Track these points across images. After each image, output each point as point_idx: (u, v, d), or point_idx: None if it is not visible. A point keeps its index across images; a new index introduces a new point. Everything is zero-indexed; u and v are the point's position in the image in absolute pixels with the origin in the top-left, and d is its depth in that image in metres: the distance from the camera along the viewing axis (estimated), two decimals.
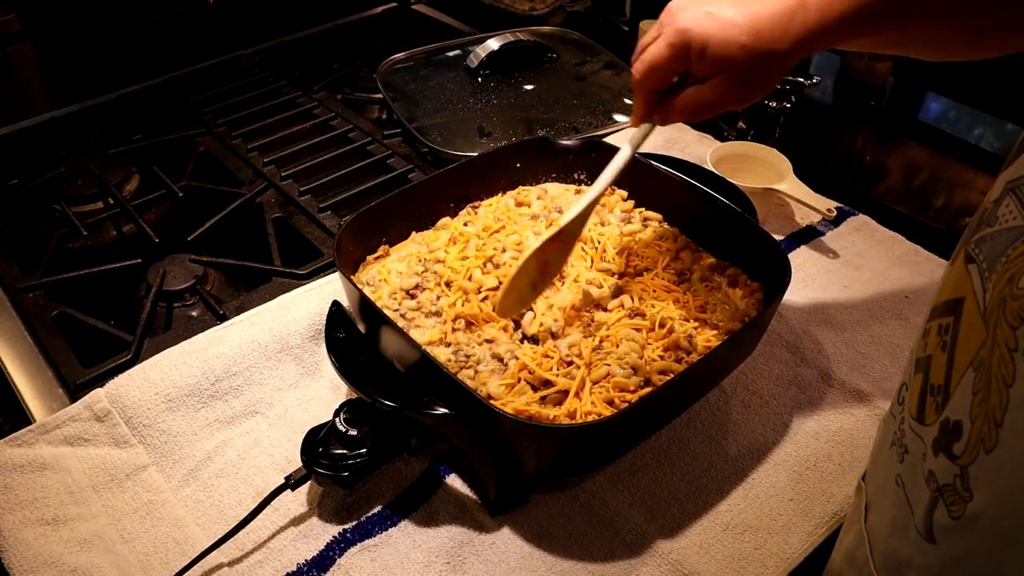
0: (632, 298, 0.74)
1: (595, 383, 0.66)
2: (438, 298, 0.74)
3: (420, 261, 0.78)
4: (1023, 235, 0.35)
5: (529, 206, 0.86)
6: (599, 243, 0.80)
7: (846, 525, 0.54)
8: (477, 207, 0.86)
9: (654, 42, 0.63)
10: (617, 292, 0.75)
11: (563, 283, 0.75)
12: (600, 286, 0.75)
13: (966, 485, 0.35)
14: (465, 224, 0.83)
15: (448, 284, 0.76)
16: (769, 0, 0.59)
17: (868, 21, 0.58)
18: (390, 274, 0.77)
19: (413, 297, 0.75)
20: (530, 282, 0.68)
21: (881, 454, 0.47)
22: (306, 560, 0.63)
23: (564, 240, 0.68)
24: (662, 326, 0.70)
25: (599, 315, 0.72)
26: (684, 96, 0.64)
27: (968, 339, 0.37)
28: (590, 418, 0.63)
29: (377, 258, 0.80)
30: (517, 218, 0.84)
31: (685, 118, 0.65)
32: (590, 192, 0.68)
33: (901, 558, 0.42)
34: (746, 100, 0.63)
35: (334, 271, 0.87)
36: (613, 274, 0.77)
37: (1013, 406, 0.33)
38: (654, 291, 0.75)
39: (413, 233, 0.83)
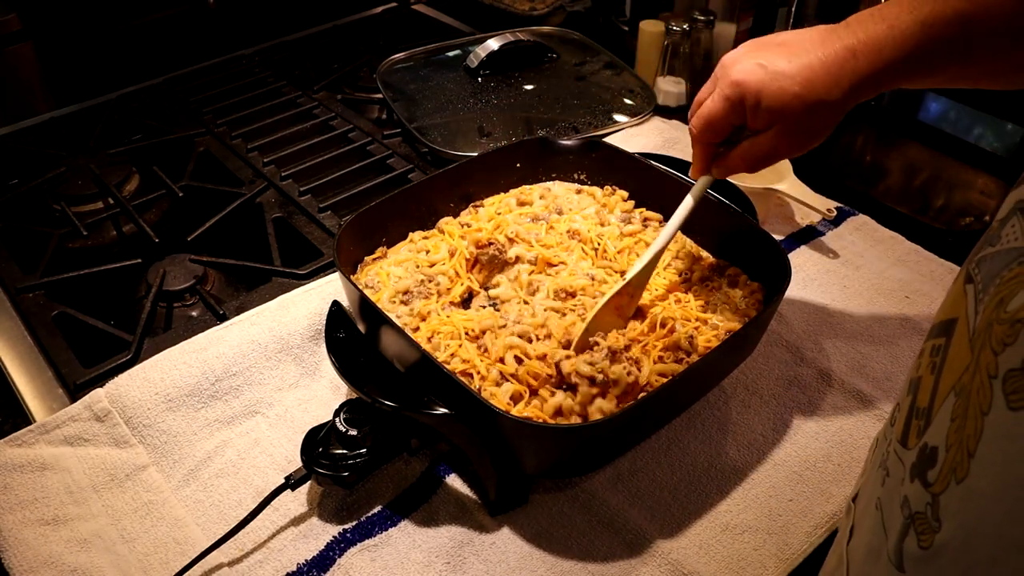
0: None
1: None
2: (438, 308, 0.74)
3: (418, 269, 0.78)
4: (1021, 256, 0.33)
5: (531, 205, 0.86)
6: (599, 243, 0.80)
7: (833, 546, 0.53)
8: (479, 206, 0.86)
9: (709, 96, 0.64)
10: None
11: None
12: (605, 281, 0.76)
13: (936, 514, 0.34)
14: (464, 225, 0.83)
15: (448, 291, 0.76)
16: (820, 51, 0.59)
17: (922, 65, 0.58)
18: (388, 277, 0.77)
19: (406, 303, 0.74)
20: (606, 325, 0.70)
21: (869, 476, 0.46)
22: (306, 560, 0.63)
23: (631, 291, 0.71)
24: (663, 326, 0.70)
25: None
26: (740, 149, 0.65)
27: (954, 363, 0.36)
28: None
29: (375, 259, 0.80)
30: (518, 218, 0.84)
31: (743, 170, 0.67)
32: (655, 245, 0.71)
33: None
34: (801, 149, 0.64)
35: (334, 271, 0.87)
36: (615, 272, 0.77)
37: (987, 436, 0.31)
38: (656, 290, 0.75)
39: (411, 234, 0.83)
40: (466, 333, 0.70)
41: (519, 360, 0.67)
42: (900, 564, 0.37)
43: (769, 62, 0.60)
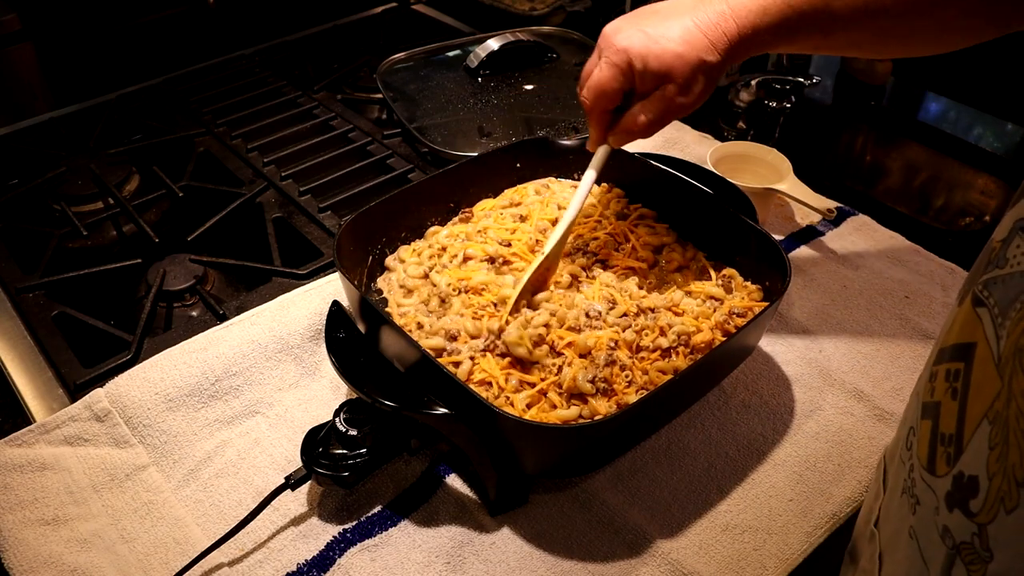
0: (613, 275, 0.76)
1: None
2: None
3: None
4: None
5: (518, 206, 0.86)
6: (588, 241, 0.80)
7: (860, 574, 0.53)
8: (468, 217, 0.85)
9: (596, 67, 0.68)
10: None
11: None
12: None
13: (985, 545, 0.34)
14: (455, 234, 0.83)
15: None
16: (693, 14, 0.65)
17: (787, 33, 0.63)
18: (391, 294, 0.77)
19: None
20: (528, 295, 0.74)
21: (893, 501, 0.46)
22: (306, 560, 0.63)
23: (547, 267, 0.74)
24: (663, 332, 0.70)
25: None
26: (632, 113, 0.69)
27: (982, 389, 0.35)
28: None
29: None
30: (507, 220, 0.83)
31: (638, 135, 0.70)
32: (563, 220, 0.74)
33: None
34: (689, 108, 0.68)
35: (334, 271, 0.87)
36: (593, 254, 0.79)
37: None
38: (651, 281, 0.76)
39: (402, 248, 0.82)
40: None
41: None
42: None
43: (650, 27, 0.65)
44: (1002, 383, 0.33)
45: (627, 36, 0.66)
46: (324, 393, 0.76)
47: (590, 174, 0.74)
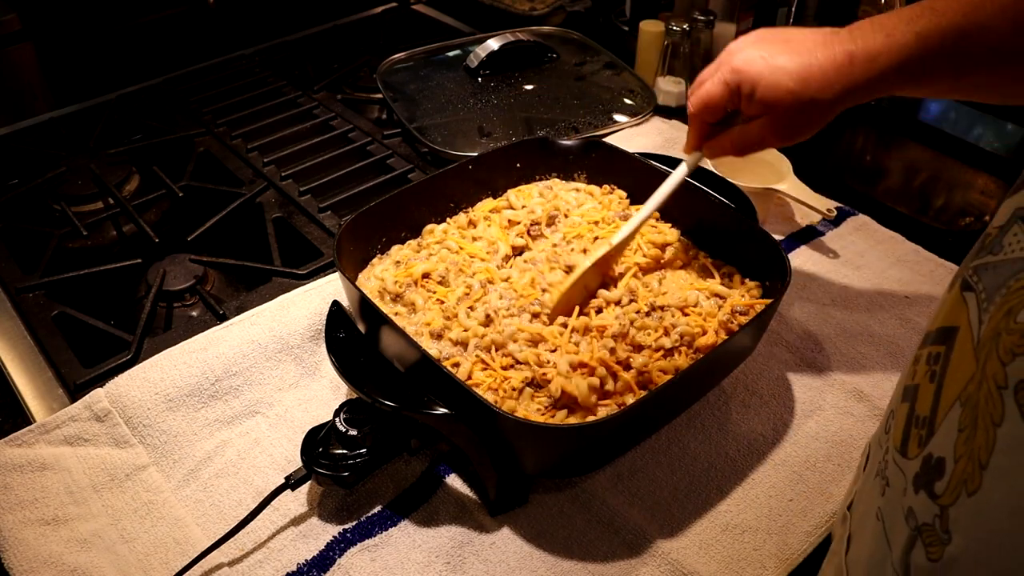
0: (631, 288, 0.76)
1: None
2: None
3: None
4: None
5: (513, 209, 0.86)
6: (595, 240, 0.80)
7: (829, 555, 0.52)
8: (472, 219, 0.85)
9: (710, 79, 0.68)
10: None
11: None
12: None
13: (945, 527, 0.34)
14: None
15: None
16: (821, 52, 0.62)
17: (916, 74, 0.60)
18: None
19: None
20: (581, 290, 0.73)
21: (867, 484, 0.46)
22: (306, 560, 0.63)
23: (611, 256, 0.75)
24: (667, 332, 0.70)
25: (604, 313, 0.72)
26: (732, 132, 0.69)
27: (957, 372, 0.36)
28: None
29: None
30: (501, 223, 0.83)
31: (731, 153, 0.70)
32: (641, 212, 0.74)
33: None
34: (787, 141, 0.67)
35: (334, 271, 0.87)
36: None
37: (999, 448, 0.31)
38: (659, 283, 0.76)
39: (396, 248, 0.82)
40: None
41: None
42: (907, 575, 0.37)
43: (771, 56, 0.63)
44: (977, 366, 0.34)
45: (746, 58, 0.64)
46: (324, 393, 0.76)
47: (682, 169, 0.74)
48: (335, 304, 0.70)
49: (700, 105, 0.69)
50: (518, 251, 0.81)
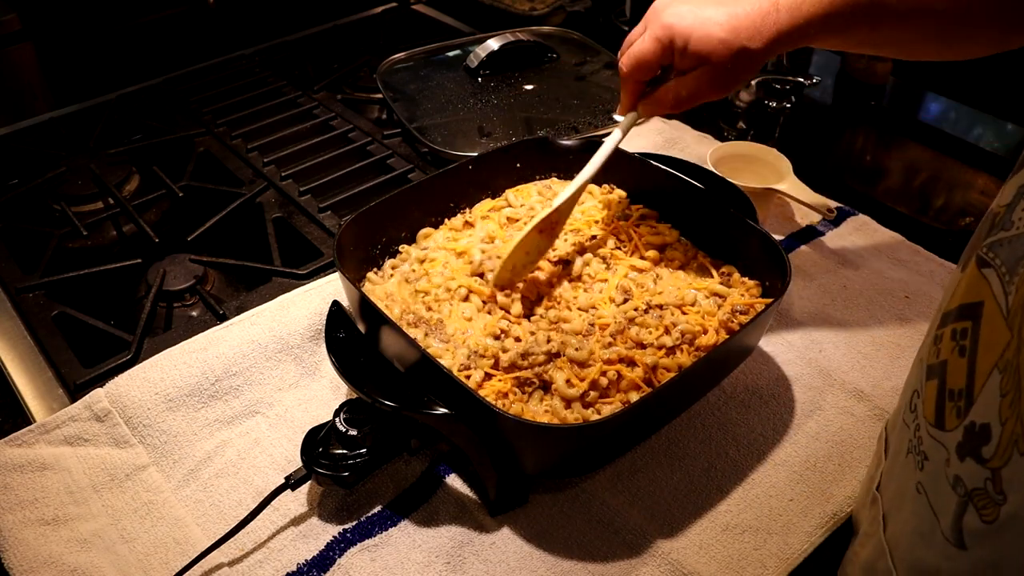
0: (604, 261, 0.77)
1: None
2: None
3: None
4: None
5: (513, 207, 0.86)
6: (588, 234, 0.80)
7: (862, 538, 0.53)
8: (470, 221, 0.85)
9: (640, 37, 0.69)
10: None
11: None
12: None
13: (998, 488, 0.35)
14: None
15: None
16: (746, 1, 0.64)
17: (837, 24, 0.63)
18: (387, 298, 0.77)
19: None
20: (524, 257, 0.74)
21: (896, 463, 0.47)
22: (306, 560, 0.63)
23: (555, 220, 0.74)
24: (667, 331, 0.70)
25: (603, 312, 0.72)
26: (667, 88, 0.70)
27: (991, 342, 0.37)
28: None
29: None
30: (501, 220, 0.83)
31: (667, 109, 0.71)
32: (580, 176, 0.75)
33: (927, 566, 0.41)
34: (722, 92, 0.69)
35: (334, 271, 0.87)
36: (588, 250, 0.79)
37: None
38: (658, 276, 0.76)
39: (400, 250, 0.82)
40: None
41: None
42: (960, 541, 0.38)
43: (699, 8, 0.66)
44: (1012, 334, 0.35)
45: (675, 13, 0.66)
46: (324, 393, 0.76)
47: (616, 134, 0.75)
48: (335, 304, 0.70)
49: (633, 64, 0.70)
50: None
